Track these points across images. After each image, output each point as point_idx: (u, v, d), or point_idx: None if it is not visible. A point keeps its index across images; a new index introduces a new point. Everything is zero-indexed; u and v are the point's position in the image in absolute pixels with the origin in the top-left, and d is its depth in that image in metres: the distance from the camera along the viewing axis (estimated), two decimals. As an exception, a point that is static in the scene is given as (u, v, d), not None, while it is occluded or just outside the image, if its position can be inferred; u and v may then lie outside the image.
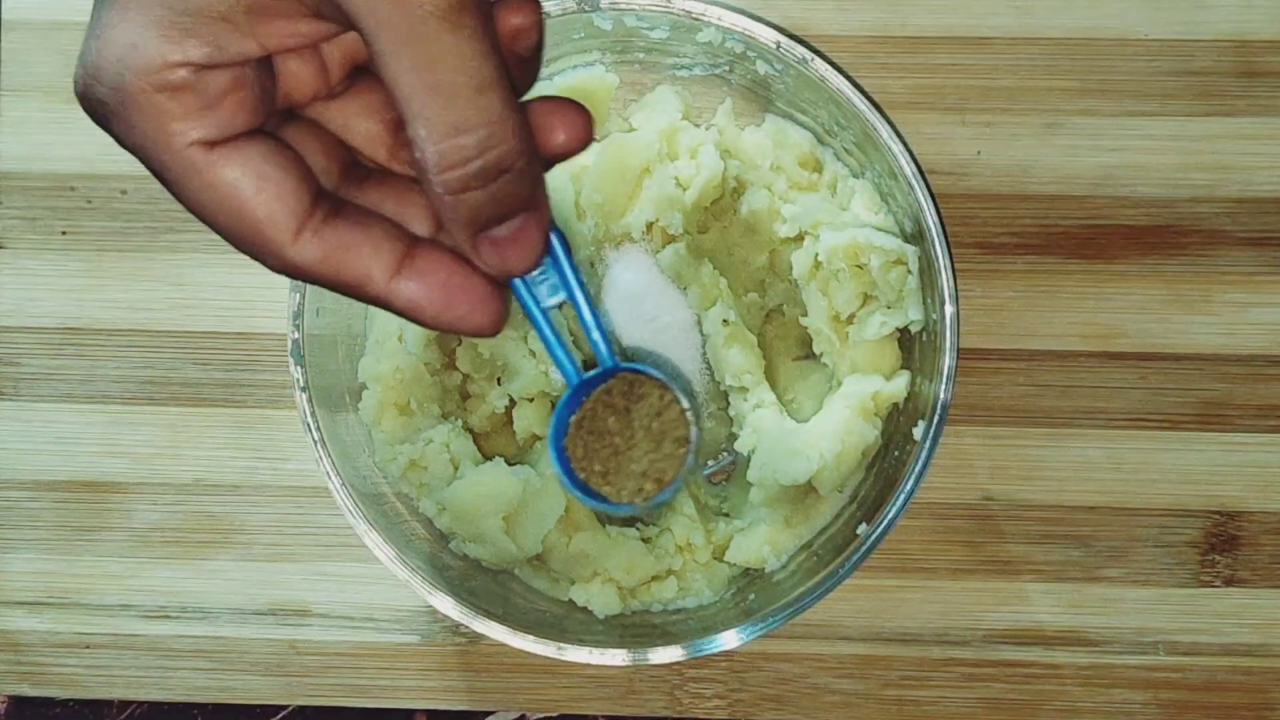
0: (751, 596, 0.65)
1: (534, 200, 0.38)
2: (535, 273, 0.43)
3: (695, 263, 0.65)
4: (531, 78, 0.40)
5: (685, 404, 0.49)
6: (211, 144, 0.36)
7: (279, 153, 0.38)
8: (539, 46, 0.40)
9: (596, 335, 0.46)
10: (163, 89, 0.35)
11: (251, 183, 0.37)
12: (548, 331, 0.44)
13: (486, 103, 0.36)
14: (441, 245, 0.39)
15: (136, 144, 0.37)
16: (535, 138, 0.38)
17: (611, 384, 0.48)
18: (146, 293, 0.70)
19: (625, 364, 0.48)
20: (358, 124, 0.41)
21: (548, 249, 0.41)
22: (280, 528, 0.70)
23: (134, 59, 0.35)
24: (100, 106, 0.36)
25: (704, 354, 0.66)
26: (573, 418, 0.49)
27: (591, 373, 0.48)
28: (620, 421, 0.49)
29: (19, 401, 0.70)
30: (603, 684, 0.69)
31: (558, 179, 0.66)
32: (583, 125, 0.39)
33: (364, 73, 0.41)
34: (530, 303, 0.43)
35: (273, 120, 0.39)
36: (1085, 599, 0.68)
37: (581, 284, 0.44)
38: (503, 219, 0.38)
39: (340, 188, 0.40)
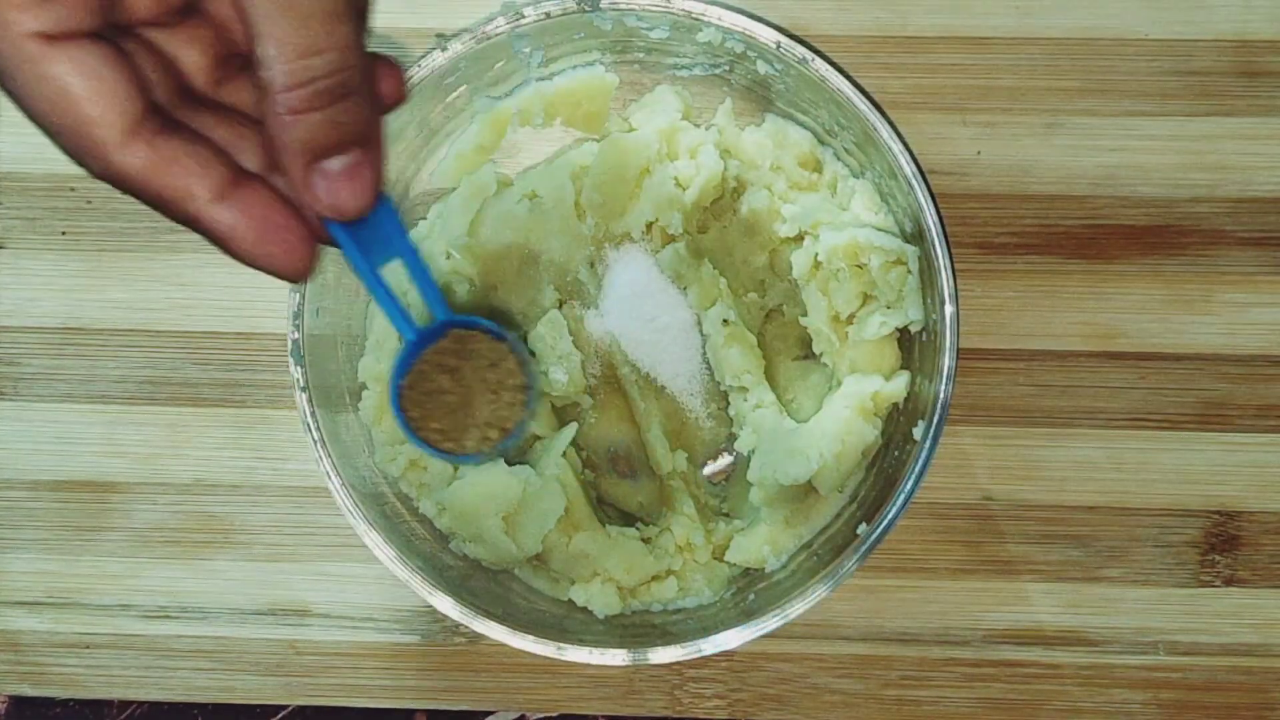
0: (751, 596, 0.65)
1: (371, 137, 0.40)
2: (366, 229, 0.43)
3: (695, 263, 0.65)
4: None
5: (520, 352, 0.50)
6: (48, 37, 0.37)
7: (115, 58, 0.38)
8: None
9: (429, 291, 0.47)
10: None
11: (84, 81, 0.37)
12: (380, 290, 0.45)
13: (337, 29, 0.37)
14: (268, 184, 0.40)
15: None
16: None
17: (442, 344, 0.50)
18: (146, 293, 0.70)
19: (458, 317, 0.49)
20: (186, 54, 0.42)
21: (379, 197, 0.41)
22: (280, 528, 0.70)
23: None
24: None
25: (704, 354, 0.67)
26: (402, 382, 0.49)
27: (426, 327, 0.48)
28: (453, 379, 0.50)
29: (19, 401, 0.70)
30: (603, 684, 0.69)
31: (558, 178, 0.66)
32: (399, 81, 0.42)
33: (195, 12, 0.41)
34: (361, 262, 0.44)
35: (111, 31, 0.39)
36: (1085, 599, 0.68)
37: (409, 241, 0.45)
38: (339, 148, 0.39)
39: (176, 108, 0.41)
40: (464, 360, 0.50)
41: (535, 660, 0.62)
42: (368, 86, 0.39)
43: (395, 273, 0.46)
